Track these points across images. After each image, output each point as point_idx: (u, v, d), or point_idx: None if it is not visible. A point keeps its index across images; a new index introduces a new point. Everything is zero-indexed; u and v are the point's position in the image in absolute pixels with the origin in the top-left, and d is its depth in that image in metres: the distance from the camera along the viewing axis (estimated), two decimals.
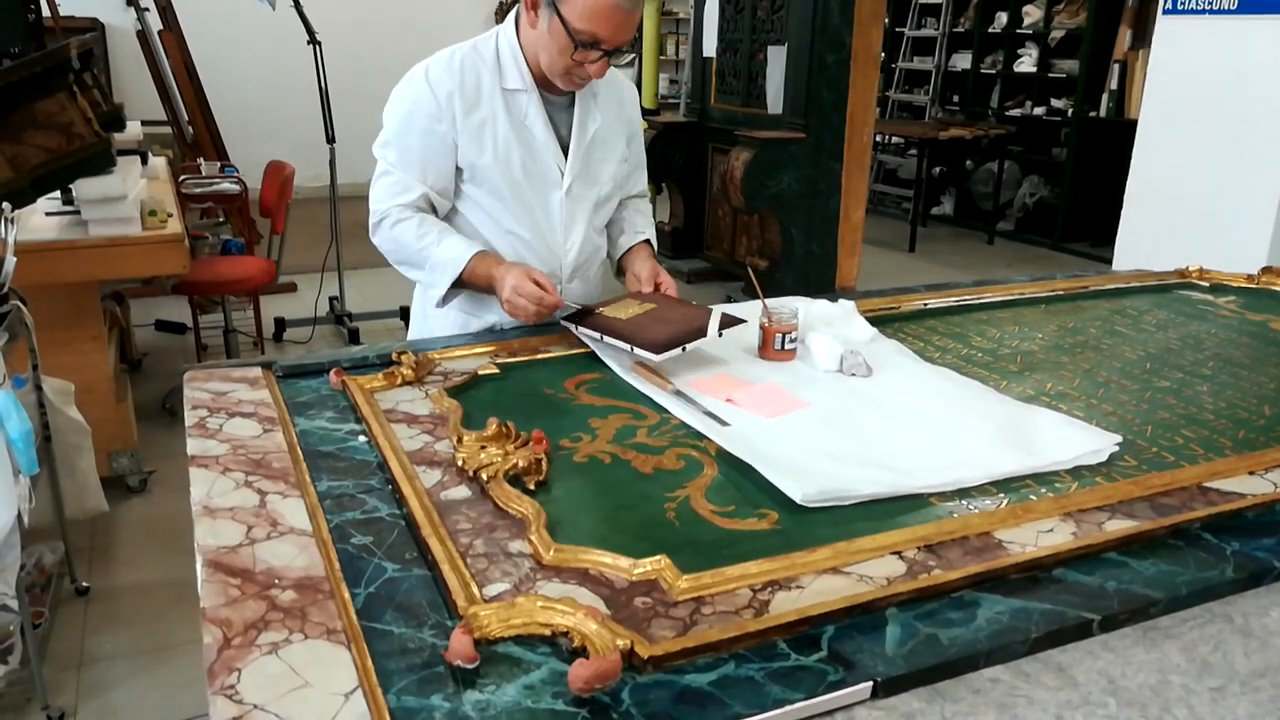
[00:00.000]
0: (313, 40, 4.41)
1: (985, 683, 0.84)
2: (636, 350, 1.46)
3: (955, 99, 8.26)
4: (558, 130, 1.71)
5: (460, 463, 1.15)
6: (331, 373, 1.44)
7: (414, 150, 1.66)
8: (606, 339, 1.52)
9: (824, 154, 4.96)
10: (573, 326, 1.59)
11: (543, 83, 1.67)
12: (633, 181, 1.90)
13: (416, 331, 1.83)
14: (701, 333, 1.51)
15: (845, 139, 4.94)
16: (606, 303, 1.65)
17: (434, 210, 1.71)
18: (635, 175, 1.90)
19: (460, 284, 1.66)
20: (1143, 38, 6.16)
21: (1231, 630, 0.92)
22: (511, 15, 1.69)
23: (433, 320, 1.77)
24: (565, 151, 1.72)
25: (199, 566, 0.94)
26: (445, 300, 1.70)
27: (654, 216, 1.96)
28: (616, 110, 1.79)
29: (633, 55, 1.74)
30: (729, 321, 1.56)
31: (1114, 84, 6.54)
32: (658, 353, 1.44)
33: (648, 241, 1.87)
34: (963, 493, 1.13)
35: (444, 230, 1.68)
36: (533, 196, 1.71)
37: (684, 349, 1.48)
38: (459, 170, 1.69)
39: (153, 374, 4.21)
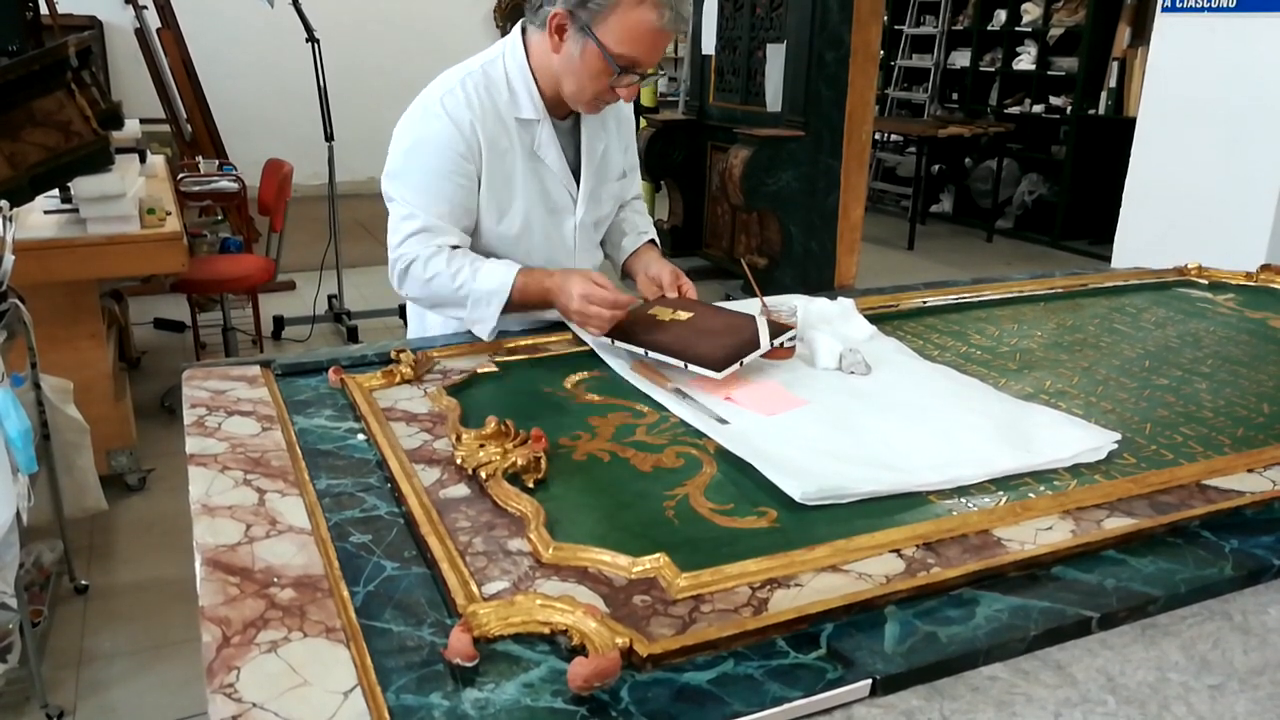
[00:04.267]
0: (311, 38, 4.41)
1: (984, 680, 0.84)
2: (692, 367, 1.41)
3: (954, 97, 8.26)
4: (565, 156, 1.67)
5: (459, 461, 1.15)
6: (330, 371, 1.43)
7: (443, 191, 1.57)
8: (652, 355, 1.47)
9: (823, 152, 4.96)
10: (609, 340, 1.54)
11: (550, 108, 1.62)
12: (629, 185, 1.86)
13: (415, 330, 1.83)
14: (755, 344, 1.46)
15: (844, 136, 4.94)
16: (638, 309, 1.58)
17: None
18: (631, 178, 1.86)
19: (510, 307, 1.56)
20: (1142, 35, 6.15)
21: (1230, 628, 0.93)
22: (515, 36, 1.61)
23: (431, 319, 1.76)
24: (575, 177, 1.69)
25: (198, 565, 0.94)
26: (496, 330, 1.58)
27: (653, 215, 1.94)
28: (616, 123, 1.75)
29: (659, 75, 1.72)
30: (778, 329, 1.51)
31: (1113, 81, 6.54)
32: (719, 370, 1.39)
33: (653, 241, 1.86)
34: (962, 490, 1.13)
35: (475, 260, 1.58)
36: (548, 227, 1.69)
37: (741, 364, 1.43)
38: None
39: (151, 372, 4.21)
